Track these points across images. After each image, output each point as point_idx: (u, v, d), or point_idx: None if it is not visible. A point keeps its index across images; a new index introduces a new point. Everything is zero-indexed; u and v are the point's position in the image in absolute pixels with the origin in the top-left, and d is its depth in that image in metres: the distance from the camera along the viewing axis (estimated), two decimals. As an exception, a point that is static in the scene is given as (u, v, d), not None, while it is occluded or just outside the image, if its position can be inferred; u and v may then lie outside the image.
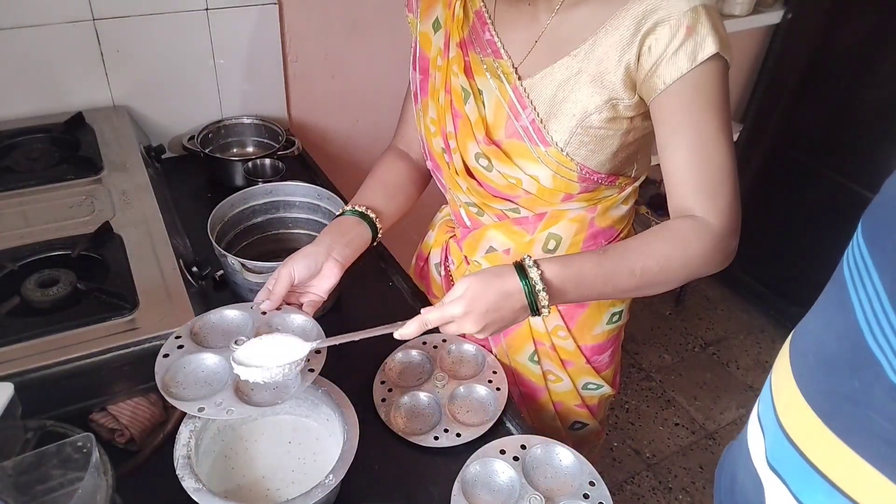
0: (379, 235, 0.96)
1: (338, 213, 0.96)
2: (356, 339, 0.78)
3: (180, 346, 0.78)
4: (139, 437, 0.82)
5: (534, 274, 0.76)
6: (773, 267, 2.49)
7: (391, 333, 0.78)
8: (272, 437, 0.83)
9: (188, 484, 0.69)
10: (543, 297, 0.76)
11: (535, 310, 0.77)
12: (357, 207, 0.95)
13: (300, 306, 0.87)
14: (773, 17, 2.19)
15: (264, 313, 0.84)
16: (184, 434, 0.75)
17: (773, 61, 2.32)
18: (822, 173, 2.26)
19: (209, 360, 0.78)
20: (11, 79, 1.23)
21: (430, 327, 0.77)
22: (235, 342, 0.79)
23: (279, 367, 0.74)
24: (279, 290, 0.84)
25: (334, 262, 0.87)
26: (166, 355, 0.77)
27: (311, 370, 0.77)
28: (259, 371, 0.73)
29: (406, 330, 0.77)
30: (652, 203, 2.31)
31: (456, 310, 0.75)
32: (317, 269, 0.87)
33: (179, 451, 0.73)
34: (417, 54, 0.97)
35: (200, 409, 0.72)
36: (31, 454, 0.62)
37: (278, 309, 0.85)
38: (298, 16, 1.47)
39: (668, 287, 0.82)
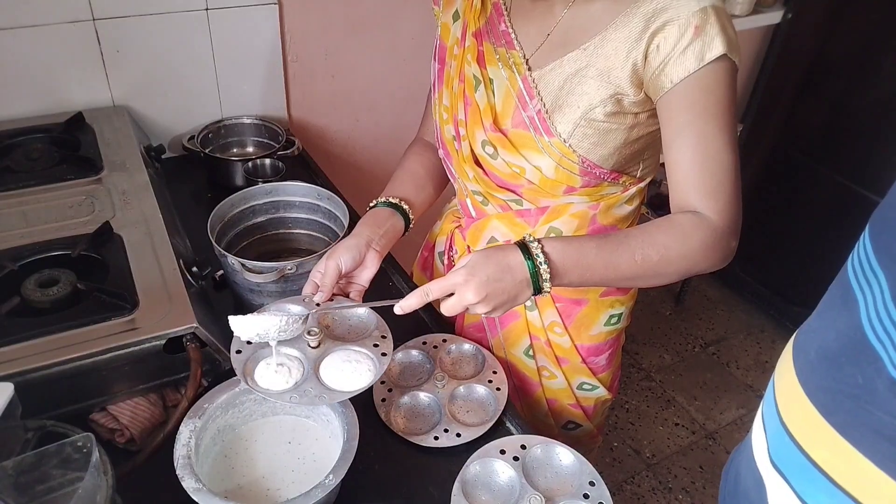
0: (411, 225, 0.99)
1: (371, 205, 0.99)
2: (358, 309, 0.81)
3: (249, 342, 0.80)
4: (139, 437, 0.82)
5: (535, 248, 0.77)
6: (773, 267, 2.49)
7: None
8: (272, 437, 0.83)
9: (188, 484, 0.69)
10: (545, 271, 0.77)
11: (537, 286, 0.78)
12: (391, 199, 0.98)
13: (347, 296, 0.89)
14: (773, 17, 2.19)
15: (318, 305, 0.85)
16: (184, 434, 0.75)
17: (773, 61, 2.32)
18: (821, 173, 2.26)
19: (284, 351, 0.80)
20: (11, 79, 1.23)
21: (431, 299, 0.78)
22: (308, 332, 0.81)
23: (278, 335, 0.77)
24: (328, 281, 0.86)
25: (375, 253, 0.90)
26: (239, 351, 0.79)
27: (385, 354, 0.79)
28: (257, 337, 0.77)
29: (407, 302, 0.78)
30: (652, 203, 2.31)
31: (457, 277, 0.76)
32: (360, 260, 0.89)
33: (179, 451, 0.73)
34: (437, 44, 1.00)
35: (292, 399, 0.74)
36: (31, 454, 0.62)
37: (330, 300, 0.87)
38: (298, 16, 1.47)
39: (667, 279, 0.83)
